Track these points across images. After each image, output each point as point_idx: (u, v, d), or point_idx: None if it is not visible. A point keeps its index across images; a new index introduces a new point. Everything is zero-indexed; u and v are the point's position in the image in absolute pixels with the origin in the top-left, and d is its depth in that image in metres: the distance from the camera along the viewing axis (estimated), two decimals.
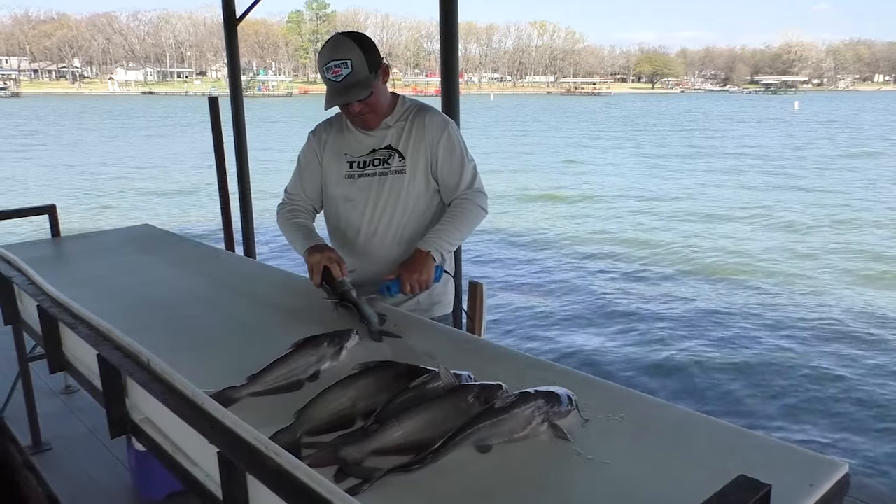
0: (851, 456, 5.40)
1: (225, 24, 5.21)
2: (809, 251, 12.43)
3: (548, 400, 1.39)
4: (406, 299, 2.42)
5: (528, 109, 69.44)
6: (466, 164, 2.42)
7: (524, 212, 16.51)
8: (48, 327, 2.19)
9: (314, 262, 2.24)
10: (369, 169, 2.41)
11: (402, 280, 2.18)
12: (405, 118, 2.41)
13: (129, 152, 28.90)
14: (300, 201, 2.56)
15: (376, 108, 2.34)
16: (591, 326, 8.40)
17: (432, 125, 2.39)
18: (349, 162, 2.44)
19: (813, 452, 1.30)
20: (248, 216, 5.40)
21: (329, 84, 2.23)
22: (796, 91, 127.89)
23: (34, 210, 3.56)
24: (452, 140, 2.40)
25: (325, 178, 2.50)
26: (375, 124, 2.38)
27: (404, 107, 2.44)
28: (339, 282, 2.18)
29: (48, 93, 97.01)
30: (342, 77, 2.20)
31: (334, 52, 2.21)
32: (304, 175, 2.55)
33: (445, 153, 2.39)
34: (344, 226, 2.51)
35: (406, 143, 2.39)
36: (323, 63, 2.22)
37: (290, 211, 2.54)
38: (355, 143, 2.44)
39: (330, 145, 2.48)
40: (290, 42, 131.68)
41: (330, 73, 2.20)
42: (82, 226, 12.49)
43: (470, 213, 2.37)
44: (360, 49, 2.21)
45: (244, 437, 1.22)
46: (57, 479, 3.18)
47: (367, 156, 2.42)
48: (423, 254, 2.24)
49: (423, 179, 2.40)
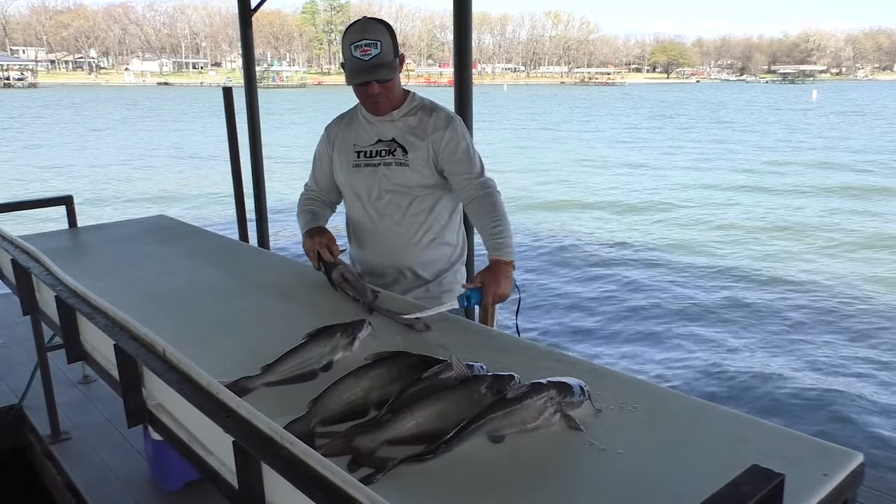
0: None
1: (240, 14, 5.22)
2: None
3: (560, 390, 1.39)
4: (415, 287, 2.48)
5: (553, 100, 67.80)
6: (472, 156, 2.46)
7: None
8: (66, 317, 2.21)
9: (308, 248, 2.41)
10: (375, 159, 2.46)
11: (486, 292, 2.13)
12: (412, 114, 2.46)
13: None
14: (314, 193, 2.66)
15: (391, 94, 2.40)
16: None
17: (436, 123, 2.43)
18: (357, 152, 2.50)
19: (827, 442, 1.30)
20: (261, 206, 5.42)
21: (355, 62, 2.28)
22: (814, 80, 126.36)
23: (52, 201, 3.60)
24: (457, 135, 2.43)
25: (336, 168, 2.57)
26: (387, 110, 2.43)
27: (413, 103, 2.48)
28: (331, 264, 2.31)
29: (65, 83, 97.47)
30: (371, 56, 2.26)
31: (365, 32, 2.27)
32: (316, 169, 2.66)
33: (450, 149, 2.42)
34: (352, 214, 2.59)
35: (410, 138, 2.43)
36: (352, 41, 2.27)
37: (306, 200, 2.65)
38: (363, 133, 2.50)
39: (340, 138, 2.56)
40: (304, 33, 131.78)
41: (358, 51, 2.26)
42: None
43: (502, 206, 2.40)
44: (388, 33, 2.30)
45: (259, 426, 1.23)
46: (76, 468, 3.22)
47: (373, 146, 2.47)
48: (506, 265, 2.22)
49: (427, 173, 2.44)
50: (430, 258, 2.51)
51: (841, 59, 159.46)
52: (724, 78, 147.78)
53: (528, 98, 73.26)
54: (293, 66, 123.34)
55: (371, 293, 2.18)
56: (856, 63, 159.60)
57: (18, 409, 3.73)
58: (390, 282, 2.51)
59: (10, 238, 2.77)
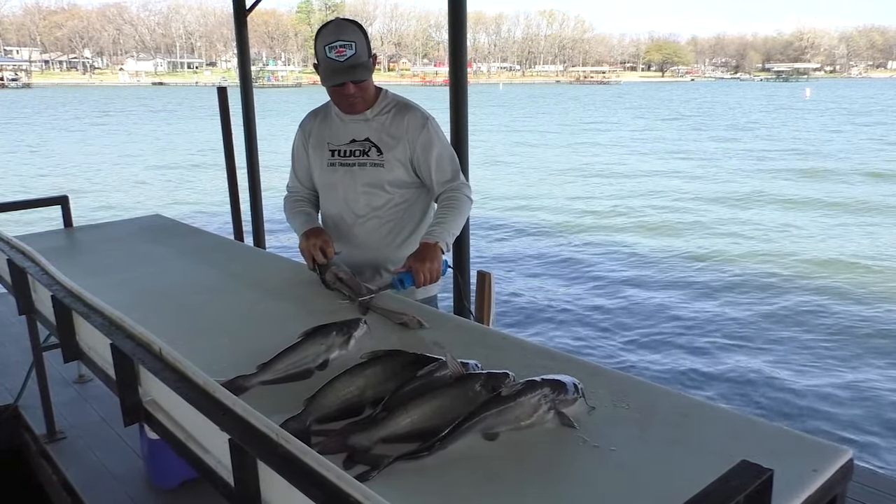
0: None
1: (235, 14, 5.21)
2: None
3: (554, 388, 1.40)
4: (389, 283, 2.48)
5: (556, 98, 66.43)
6: (447, 158, 2.49)
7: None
8: (62, 317, 2.21)
9: (303, 249, 2.43)
10: (350, 158, 2.49)
11: (415, 271, 2.20)
12: (385, 112, 2.48)
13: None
14: (299, 192, 2.69)
15: (366, 94, 2.42)
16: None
17: (411, 123, 2.45)
18: (331, 150, 2.52)
19: (817, 438, 1.31)
20: (257, 206, 5.42)
21: (330, 63, 2.29)
22: (808, 78, 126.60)
23: (48, 201, 3.60)
24: (431, 137, 2.46)
25: (312, 166, 2.60)
26: (362, 109, 2.46)
27: (385, 101, 2.50)
28: (324, 265, 2.35)
29: (59, 83, 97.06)
30: (346, 57, 2.27)
31: (340, 33, 2.28)
32: (295, 166, 2.69)
33: (424, 150, 2.45)
34: (328, 212, 2.62)
35: (384, 138, 2.45)
36: (326, 43, 2.28)
37: (293, 201, 2.67)
38: (337, 131, 2.52)
39: (314, 134, 2.58)
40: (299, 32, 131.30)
41: (333, 52, 2.27)
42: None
43: (463, 204, 2.44)
44: (362, 34, 2.31)
45: (255, 424, 1.24)
46: (72, 467, 3.22)
47: (348, 145, 2.50)
48: (431, 245, 2.27)
49: (402, 172, 2.47)
50: (403, 255, 2.53)
51: (835, 56, 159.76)
52: (718, 76, 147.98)
53: (555, 96, 71.10)
54: (288, 66, 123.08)
55: (366, 290, 2.20)
56: (850, 61, 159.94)
57: (14, 409, 3.73)
58: (367, 279, 2.53)
59: (5, 238, 2.76)
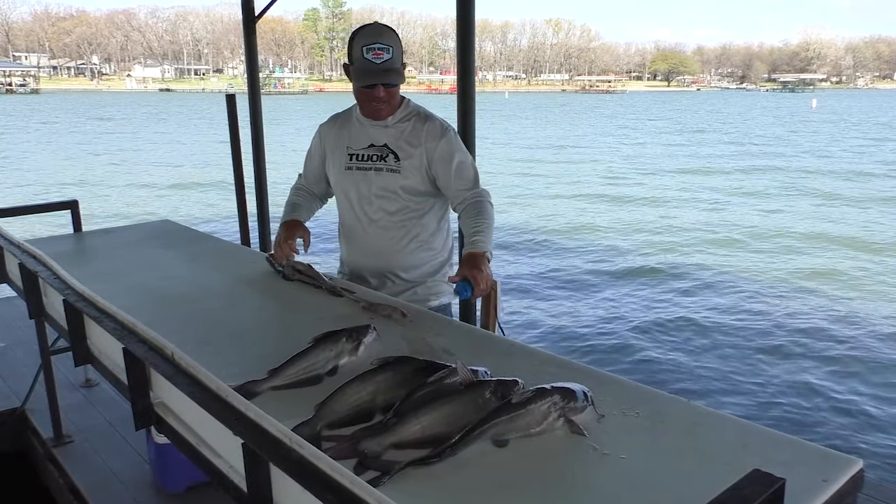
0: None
1: (244, 22, 5.25)
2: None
3: (564, 396, 1.40)
4: (403, 290, 2.53)
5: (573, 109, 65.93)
6: (466, 167, 2.49)
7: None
8: (74, 321, 2.23)
9: (275, 242, 2.54)
10: (367, 163, 2.50)
11: (474, 280, 2.16)
12: (406, 120, 2.49)
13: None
14: (302, 183, 2.77)
15: (393, 100, 2.44)
16: None
17: (430, 132, 2.46)
18: (350, 154, 2.54)
19: (827, 448, 1.32)
20: (264, 212, 5.44)
21: (365, 63, 2.30)
22: (814, 89, 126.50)
23: (57, 205, 3.62)
24: (451, 146, 2.47)
25: (329, 168, 2.63)
26: (386, 115, 2.47)
27: (407, 110, 2.52)
28: (286, 263, 2.49)
29: (67, 89, 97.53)
30: (383, 60, 2.30)
31: (379, 37, 2.30)
32: (307, 162, 2.75)
33: (444, 159, 2.45)
34: (342, 215, 2.65)
35: (402, 146, 2.47)
36: (365, 43, 2.29)
37: (294, 190, 2.77)
38: (356, 135, 2.54)
39: (333, 137, 2.61)
40: (306, 40, 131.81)
41: (370, 53, 2.29)
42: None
43: (491, 211, 2.44)
44: (398, 41, 2.35)
45: (268, 429, 1.25)
46: (78, 471, 3.23)
47: (366, 150, 2.51)
48: (479, 255, 2.25)
49: (417, 180, 2.47)
50: (413, 262, 2.55)
51: (841, 67, 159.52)
52: (724, 86, 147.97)
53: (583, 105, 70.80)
54: (295, 73, 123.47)
55: (327, 279, 2.30)
56: (856, 72, 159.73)
57: (21, 412, 3.75)
58: (378, 285, 2.55)
59: (17, 242, 2.78)
